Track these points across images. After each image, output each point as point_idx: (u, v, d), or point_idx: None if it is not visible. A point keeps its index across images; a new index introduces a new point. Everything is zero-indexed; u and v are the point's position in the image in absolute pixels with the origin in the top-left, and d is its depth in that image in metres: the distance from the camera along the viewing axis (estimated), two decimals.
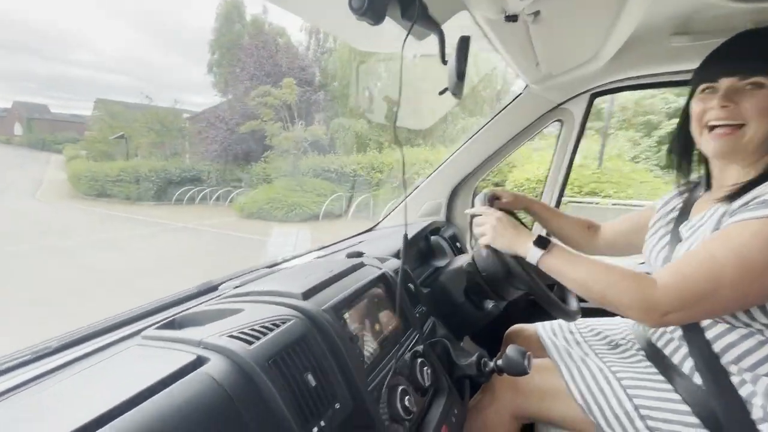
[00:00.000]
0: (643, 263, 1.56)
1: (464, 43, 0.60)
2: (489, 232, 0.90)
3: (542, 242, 0.81)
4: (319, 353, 0.62)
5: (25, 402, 0.52)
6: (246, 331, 0.59)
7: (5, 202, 12.38)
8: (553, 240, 0.83)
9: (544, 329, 1.12)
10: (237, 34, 16.10)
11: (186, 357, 0.55)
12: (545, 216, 1.18)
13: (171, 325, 0.73)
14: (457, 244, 1.55)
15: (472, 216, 0.99)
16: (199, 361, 0.54)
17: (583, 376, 0.87)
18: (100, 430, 0.41)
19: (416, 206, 1.66)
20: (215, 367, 0.53)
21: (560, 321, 1.13)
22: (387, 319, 0.83)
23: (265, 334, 0.58)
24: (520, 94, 1.39)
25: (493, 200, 1.12)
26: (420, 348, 0.84)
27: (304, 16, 0.84)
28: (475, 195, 1.67)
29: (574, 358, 0.93)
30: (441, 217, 1.65)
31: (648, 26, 1.07)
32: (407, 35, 0.56)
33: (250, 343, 0.56)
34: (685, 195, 0.91)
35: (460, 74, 0.59)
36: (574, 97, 1.39)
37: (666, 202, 0.95)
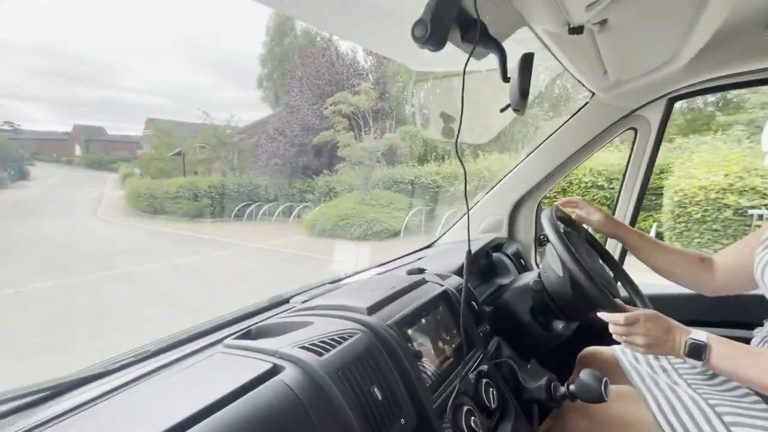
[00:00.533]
0: None
1: (527, 60, 0.59)
2: (640, 341, 0.76)
3: (697, 351, 0.72)
4: (384, 368, 0.63)
5: (123, 403, 0.57)
6: (316, 342, 0.63)
7: (73, 220, 12.22)
8: (708, 340, 0.72)
9: (624, 353, 1.02)
10: (288, 46, 16.12)
11: (263, 365, 0.59)
12: (644, 248, 1.03)
13: (248, 335, 0.79)
14: (521, 261, 1.50)
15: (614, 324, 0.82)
16: (275, 370, 0.58)
17: (674, 408, 0.78)
18: (189, 431, 0.45)
19: (476, 222, 1.63)
20: (290, 375, 0.56)
21: None
22: (450, 337, 0.82)
23: (334, 347, 0.61)
24: (586, 103, 1.32)
25: (565, 224, 1.05)
26: (485, 368, 0.81)
27: (362, 42, 0.90)
28: (539, 210, 1.60)
29: (661, 387, 0.84)
30: (503, 233, 1.60)
31: (737, 20, 0.96)
32: (468, 58, 0.57)
33: (320, 354, 0.59)
34: None
35: (524, 92, 0.58)
36: (648, 102, 1.29)
37: None
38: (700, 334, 0.73)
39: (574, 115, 1.38)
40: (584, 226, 1.09)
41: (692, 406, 0.77)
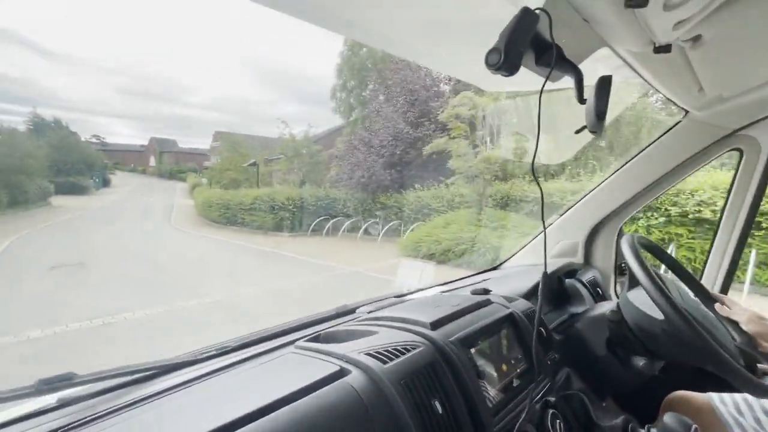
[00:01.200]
0: None
1: (605, 82, 0.58)
2: None
3: None
4: (446, 383, 0.64)
5: (205, 391, 0.64)
6: (381, 351, 0.66)
7: (149, 228, 12.15)
8: None
9: (723, 402, 0.90)
10: (364, 56, 15.85)
11: (331, 367, 0.64)
12: None
13: (317, 339, 0.85)
14: (598, 289, 1.39)
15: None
16: (342, 372, 0.62)
17: None
18: (261, 419, 0.51)
19: (549, 245, 1.55)
20: (355, 379, 0.60)
21: (745, 395, 0.89)
22: (514, 362, 0.80)
23: (398, 356, 0.64)
24: (679, 122, 1.21)
25: (648, 247, 0.95)
26: (552, 398, 0.77)
27: (433, 65, 0.93)
28: (620, 236, 1.48)
29: None
30: (578, 258, 1.51)
31: None
32: (545, 83, 0.58)
33: (385, 362, 0.62)
34: None
35: (600, 114, 0.57)
36: (758, 121, 1.14)
37: None
38: None
39: (664, 133, 1.27)
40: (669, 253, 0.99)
41: None
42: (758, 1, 0.60)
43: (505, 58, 0.53)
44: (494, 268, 1.67)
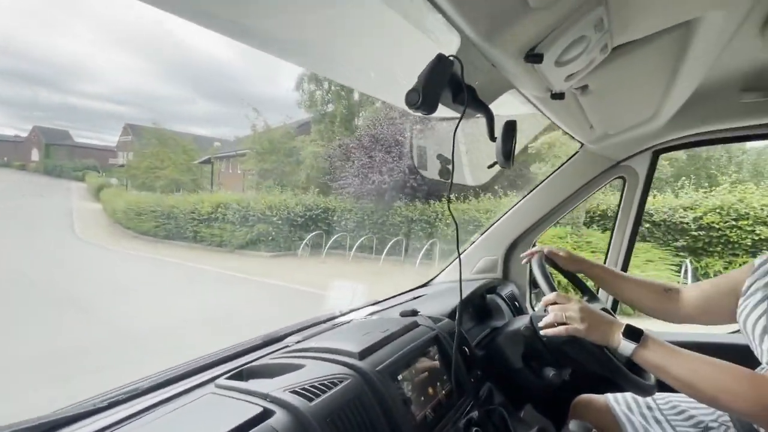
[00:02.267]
0: (735, 332, 1.38)
1: (510, 126, 0.65)
2: (576, 323, 0.81)
3: (633, 334, 0.75)
4: (373, 415, 0.64)
5: None
6: (307, 387, 0.64)
7: (44, 239, 8.43)
8: (646, 330, 0.76)
9: (617, 402, 1.02)
10: None
11: (254, 409, 0.60)
12: (608, 280, 1.09)
13: (240, 375, 0.80)
14: (516, 303, 1.50)
15: (547, 304, 0.89)
16: (266, 414, 0.59)
17: None
18: None
19: (471, 262, 1.65)
20: (279, 421, 0.57)
21: (633, 394, 1.03)
22: (440, 383, 0.83)
23: (324, 392, 0.63)
24: (577, 152, 1.39)
25: (549, 260, 1.09)
26: (474, 415, 0.81)
27: (362, 88, 0.96)
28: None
29: None
30: (497, 274, 1.62)
31: (713, 83, 1.04)
32: (459, 121, 0.63)
33: (311, 399, 0.60)
34: None
35: (507, 154, 0.63)
36: (635, 154, 1.35)
37: (764, 261, 0.86)
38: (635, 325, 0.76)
39: (565, 162, 1.44)
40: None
41: None
42: (629, 61, 0.72)
43: (423, 99, 0.56)
44: (425, 285, 1.72)
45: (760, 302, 0.79)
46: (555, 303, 0.85)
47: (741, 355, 0.91)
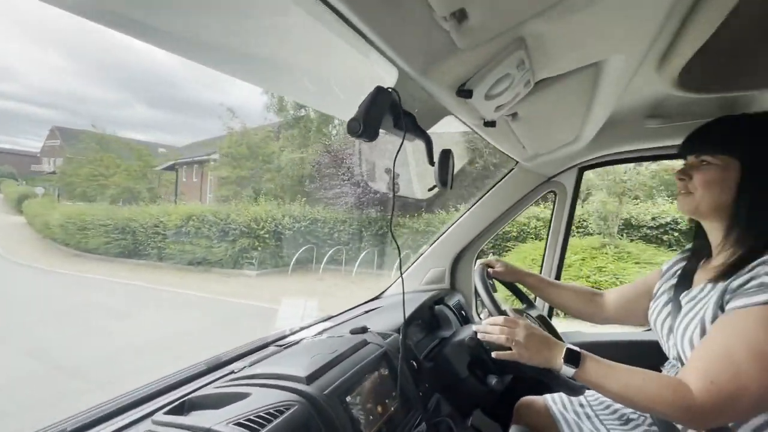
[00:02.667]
0: (649, 329, 1.55)
1: (445, 155, 0.69)
2: (522, 348, 0.85)
3: (573, 358, 0.80)
4: None
5: None
6: (252, 418, 0.62)
7: None
8: (583, 352, 0.81)
9: (554, 402, 1.10)
10: None
11: None
12: (542, 288, 1.19)
13: (180, 408, 0.76)
14: (463, 312, 1.57)
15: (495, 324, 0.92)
16: None
17: None
18: None
19: (420, 274, 1.70)
20: None
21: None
22: (389, 400, 0.84)
23: (270, 421, 0.61)
24: (512, 169, 1.50)
25: (488, 271, 1.16)
26: (422, 429, 0.84)
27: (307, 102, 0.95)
28: (476, 262, 1.71)
29: None
30: (445, 284, 1.69)
31: (624, 111, 1.18)
32: (400, 146, 0.66)
33: (256, 431, 0.59)
34: (689, 261, 0.94)
35: (444, 181, 0.67)
36: (564, 171, 1.49)
37: (670, 266, 0.98)
38: (574, 347, 0.82)
39: (503, 178, 1.55)
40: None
41: None
42: (551, 94, 0.80)
43: (364, 128, 0.58)
44: (376, 298, 1.74)
45: (665, 305, 0.90)
46: (504, 325, 0.89)
47: (653, 350, 1.03)
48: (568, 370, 0.80)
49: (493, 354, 0.87)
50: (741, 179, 0.77)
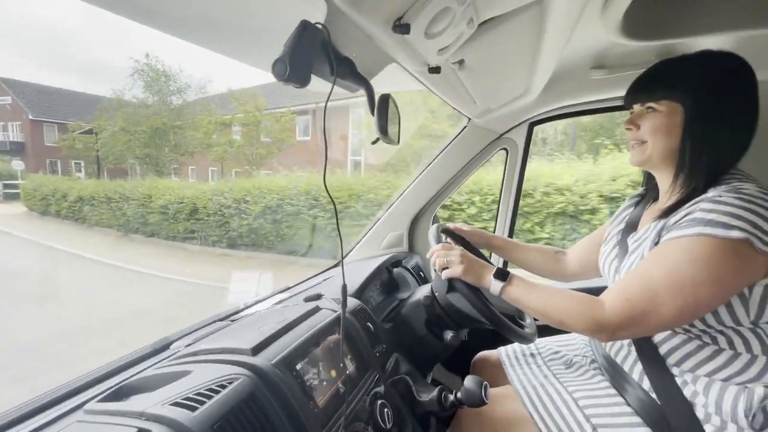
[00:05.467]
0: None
1: (384, 101, 0.64)
2: (455, 266, 0.91)
3: (502, 274, 0.86)
4: (269, 411, 0.61)
5: None
6: (191, 396, 0.58)
7: None
8: (512, 271, 0.87)
9: (507, 355, 1.13)
10: None
11: None
12: (507, 249, 1.21)
13: (117, 394, 0.69)
14: (421, 273, 1.58)
15: (433, 253, 0.99)
16: None
17: (544, 403, 0.89)
18: None
19: (379, 238, 1.68)
20: None
21: (520, 345, 1.15)
22: (344, 364, 0.83)
23: (210, 398, 0.57)
24: (465, 127, 1.47)
25: (447, 235, 1.15)
26: (380, 389, 0.83)
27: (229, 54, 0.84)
28: (433, 224, 1.71)
29: (534, 384, 0.95)
30: (404, 247, 1.68)
31: (569, 62, 1.17)
32: (329, 94, 0.60)
33: (193, 409, 0.55)
34: (637, 206, 0.97)
35: (383, 129, 0.63)
36: (514, 127, 1.48)
37: (619, 213, 1.01)
38: (504, 268, 0.89)
39: (456, 137, 1.52)
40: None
41: (557, 397, 0.89)
42: (496, 37, 0.76)
43: (291, 70, 0.52)
44: (335, 266, 1.71)
45: (613, 248, 0.93)
46: (442, 250, 0.96)
47: None
48: (496, 286, 0.86)
49: (442, 274, 0.94)
50: (684, 122, 0.78)
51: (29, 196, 11.34)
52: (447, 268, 0.92)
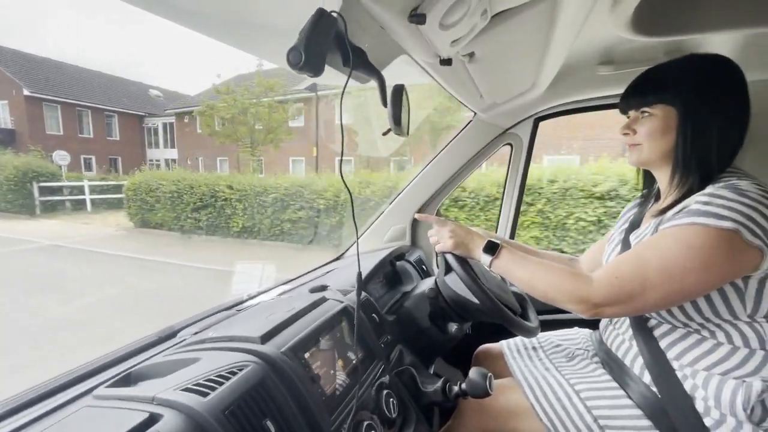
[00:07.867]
0: None
1: (398, 91, 0.64)
2: (446, 239, 0.93)
3: (492, 247, 0.88)
4: (278, 398, 0.61)
5: None
6: (201, 382, 0.58)
7: None
8: (503, 243, 0.89)
9: (509, 348, 1.14)
10: None
11: (138, 416, 0.53)
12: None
13: (126, 380, 0.70)
14: (423, 267, 1.58)
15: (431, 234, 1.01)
16: (152, 419, 0.53)
17: (545, 393, 0.90)
18: None
19: (382, 232, 1.68)
20: (168, 424, 0.51)
21: (522, 338, 1.16)
22: (351, 354, 0.83)
23: (221, 384, 0.58)
24: (470, 121, 1.47)
25: None
26: (386, 379, 0.84)
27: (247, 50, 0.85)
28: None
29: (535, 376, 0.96)
30: (406, 241, 1.68)
31: (576, 58, 1.17)
32: (345, 84, 0.60)
33: (205, 395, 0.55)
34: (641, 206, 0.98)
35: (396, 120, 0.63)
36: (520, 122, 1.48)
37: (624, 213, 1.03)
38: (496, 239, 0.90)
39: (461, 131, 1.52)
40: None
41: (558, 389, 0.90)
42: (507, 29, 0.76)
43: (306, 59, 0.52)
44: (337, 259, 1.71)
45: (617, 245, 0.94)
46: (435, 226, 0.98)
47: None
48: (485, 259, 0.87)
49: (436, 249, 0.96)
50: (678, 124, 0.80)
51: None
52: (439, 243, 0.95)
